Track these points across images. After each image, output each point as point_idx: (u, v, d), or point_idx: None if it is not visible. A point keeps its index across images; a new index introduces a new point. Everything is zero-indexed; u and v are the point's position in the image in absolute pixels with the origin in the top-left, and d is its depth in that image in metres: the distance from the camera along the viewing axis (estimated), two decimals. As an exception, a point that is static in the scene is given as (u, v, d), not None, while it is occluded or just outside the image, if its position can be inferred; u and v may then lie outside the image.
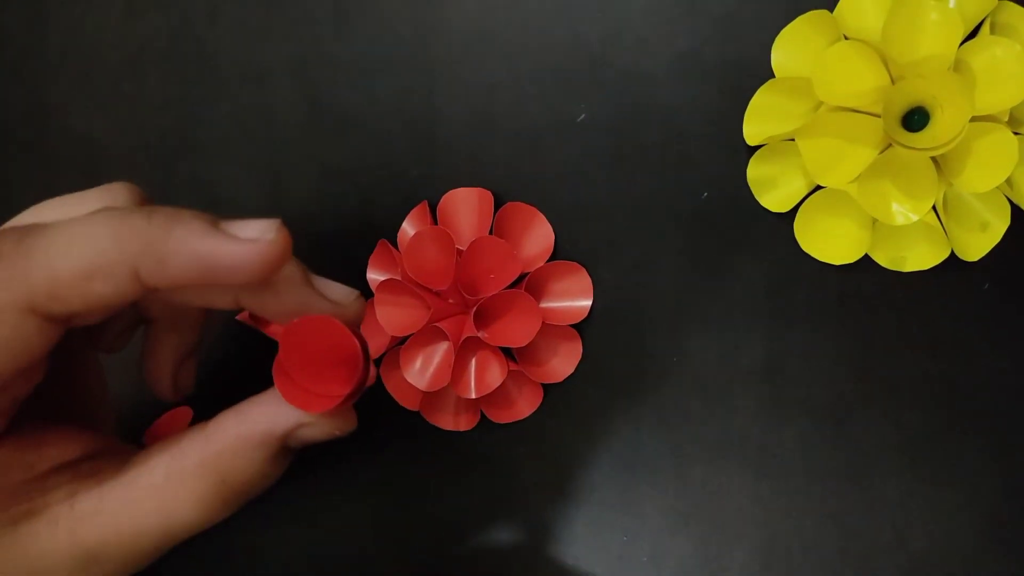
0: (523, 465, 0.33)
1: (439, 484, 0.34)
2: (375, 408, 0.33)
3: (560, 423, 0.33)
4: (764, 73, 0.30)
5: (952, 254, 0.30)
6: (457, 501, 0.34)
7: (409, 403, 0.33)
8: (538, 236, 0.32)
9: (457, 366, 0.31)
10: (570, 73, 0.32)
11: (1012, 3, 0.28)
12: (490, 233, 0.32)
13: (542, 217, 0.32)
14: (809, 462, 0.32)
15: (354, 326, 0.20)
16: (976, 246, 0.30)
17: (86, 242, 0.18)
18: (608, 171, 0.32)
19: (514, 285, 0.31)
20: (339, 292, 0.21)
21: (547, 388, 0.33)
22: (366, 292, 0.32)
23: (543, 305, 0.32)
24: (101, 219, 0.18)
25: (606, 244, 0.32)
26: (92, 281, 0.17)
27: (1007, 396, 0.31)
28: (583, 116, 0.32)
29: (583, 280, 0.32)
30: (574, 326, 0.32)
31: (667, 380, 0.32)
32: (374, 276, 0.33)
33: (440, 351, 0.31)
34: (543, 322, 0.30)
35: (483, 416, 0.33)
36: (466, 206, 0.32)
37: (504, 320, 0.31)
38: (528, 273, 0.31)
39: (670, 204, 0.32)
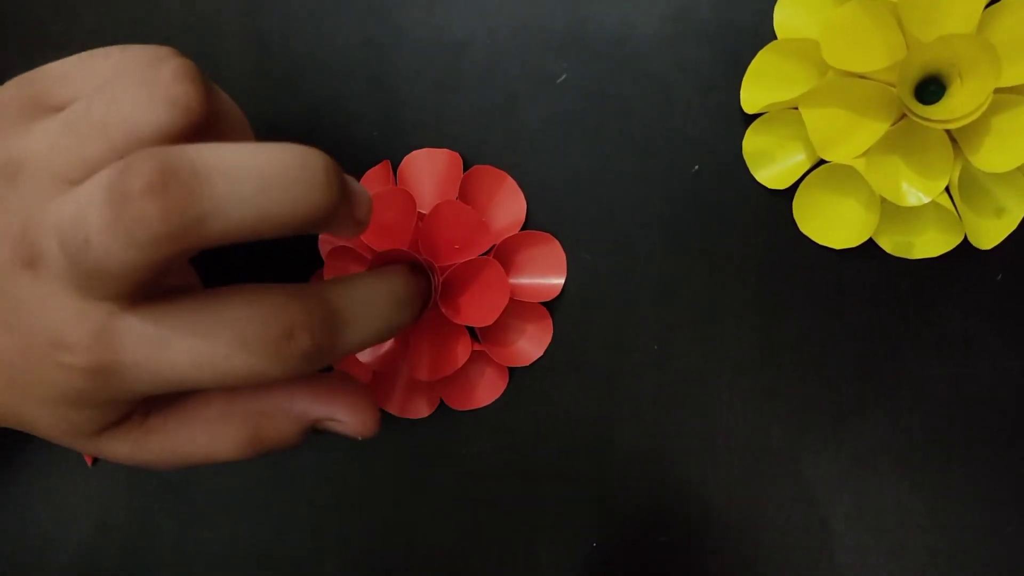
0: (483, 458, 0.31)
1: (388, 478, 0.32)
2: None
3: (526, 412, 0.31)
4: (765, 34, 0.29)
5: (963, 241, 0.28)
6: (408, 498, 0.31)
7: (358, 385, 0.30)
8: (508, 205, 0.30)
9: (412, 344, 0.28)
10: (551, 28, 0.30)
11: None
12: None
13: (514, 184, 0.30)
14: (799, 466, 0.30)
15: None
16: (990, 233, 0.28)
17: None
18: (589, 138, 0.30)
19: (480, 258, 0.29)
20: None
21: (513, 373, 0.31)
22: (316, 260, 0.31)
23: (511, 280, 0.30)
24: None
25: (583, 218, 0.30)
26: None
27: (1019, 400, 0.29)
28: (563, 76, 0.30)
29: (556, 253, 0.30)
30: (545, 306, 0.30)
31: (646, 370, 0.30)
32: (326, 242, 0.30)
33: (395, 328, 0.29)
34: (511, 298, 0.28)
35: (441, 402, 0.31)
36: (431, 168, 0.30)
37: (467, 294, 0.29)
38: (495, 245, 0.29)
39: (656, 177, 0.30)
